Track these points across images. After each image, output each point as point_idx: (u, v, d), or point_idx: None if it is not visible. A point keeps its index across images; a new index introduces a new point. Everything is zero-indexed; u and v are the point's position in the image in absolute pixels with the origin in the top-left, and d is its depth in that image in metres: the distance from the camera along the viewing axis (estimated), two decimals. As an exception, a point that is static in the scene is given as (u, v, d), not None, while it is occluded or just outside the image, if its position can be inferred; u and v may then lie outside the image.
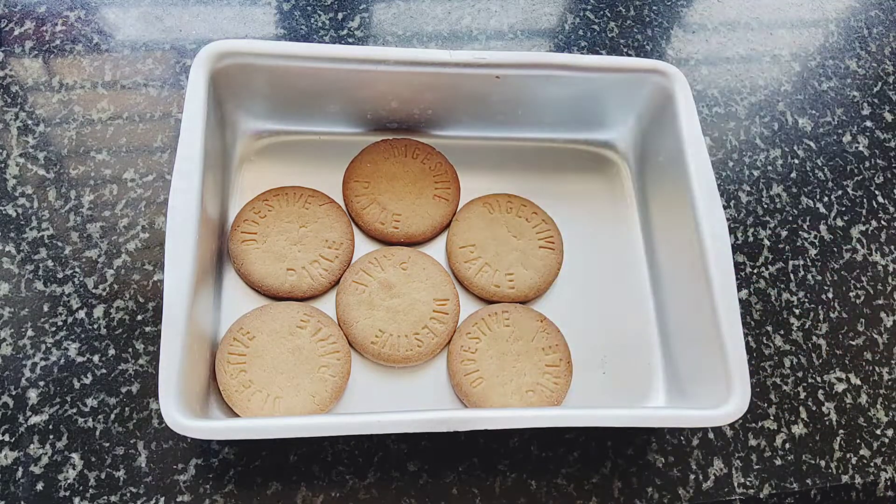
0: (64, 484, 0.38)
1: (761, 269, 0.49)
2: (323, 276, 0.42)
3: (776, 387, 0.45)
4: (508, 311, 0.42)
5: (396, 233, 0.44)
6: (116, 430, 0.39)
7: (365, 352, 0.41)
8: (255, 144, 0.46)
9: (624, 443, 0.42)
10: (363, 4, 0.54)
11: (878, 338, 0.48)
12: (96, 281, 0.42)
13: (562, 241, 0.45)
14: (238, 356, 0.39)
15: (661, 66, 0.43)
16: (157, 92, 0.48)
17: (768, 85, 0.55)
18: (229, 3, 0.52)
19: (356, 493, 0.40)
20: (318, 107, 0.45)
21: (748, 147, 0.53)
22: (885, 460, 0.44)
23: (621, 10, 0.57)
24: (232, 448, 0.40)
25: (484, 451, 0.41)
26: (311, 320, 0.41)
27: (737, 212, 0.50)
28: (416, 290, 0.42)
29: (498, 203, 0.46)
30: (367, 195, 0.45)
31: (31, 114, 0.46)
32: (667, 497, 0.41)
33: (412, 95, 0.43)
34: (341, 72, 0.41)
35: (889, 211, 0.52)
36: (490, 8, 0.56)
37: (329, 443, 0.40)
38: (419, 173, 0.46)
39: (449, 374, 0.42)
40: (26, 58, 0.48)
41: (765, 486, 0.43)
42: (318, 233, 0.43)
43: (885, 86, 0.57)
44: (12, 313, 0.41)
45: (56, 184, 0.45)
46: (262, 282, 0.42)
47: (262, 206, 0.43)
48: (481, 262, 0.44)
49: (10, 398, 0.39)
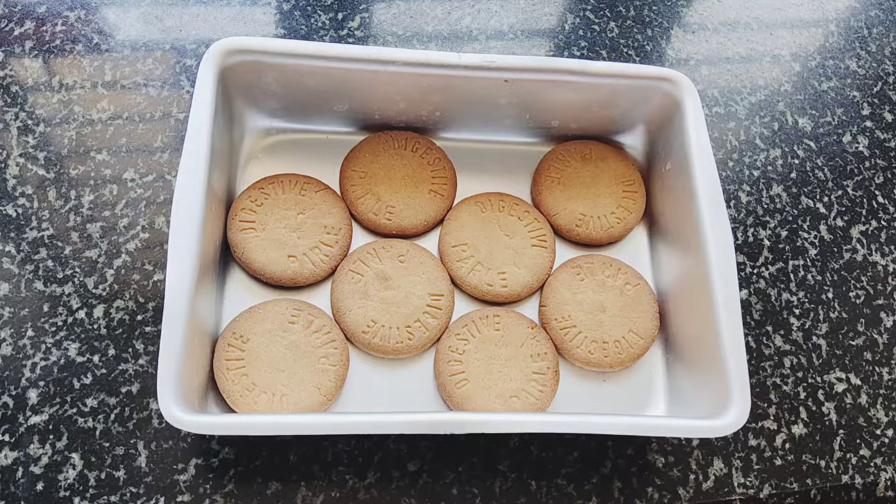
0: (64, 484, 0.38)
1: (761, 269, 0.49)
2: (324, 262, 0.43)
3: (776, 387, 0.45)
4: (500, 315, 0.42)
5: (389, 224, 0.44)
6: (116, 430, 0.39)
7: (356, 341, 0.41)
8: (262, 142, 0.46)
9: (624, 443, 0.42)
10: (363, 4, 0.54)
11: (878, 338, 0.48)
12: (96, 281, 0.42)
13: (554, 240, 0.45)
14: (236, 361, 0.39)
15: (671, 74, 0.43)
16: (157, 92, 0.48)
17: (768, 85, 0.55)
18: (229, 3, 0.52)
19: (356, 493, 0.40)
20: (326, 106, 0.45)
21: (748, 147, 0.53)
22: (885, 460, 0.44)
23: (621, 10, 0.57)
24: (232, 448, 0.40)
25: (484, 452, 0.41)
26: (302, 314, 0.41)
27: (737, 212, 0.50)
28: (412, 283, 0.42)
29: (490, 202, 0.46)
30: (363, 185, 0.45)
31: (31, 114, 0.46)
32: (667, 497, 0.41)
33: (420, 97, 0.43)
34: (350, 71, 0.41)
35: (889, 211, 0.52)
36: (490, 8, 0.56)
37: (329, 443, 0.40)
38: (417, 167, 0.46)
39: (434, 374, 0.42)
40: (26, 58, 0.48)
41: (765, 486, 0.43)
42: (317, 219, 0.43)
43: (885, 86, 0.57)
44: (12, 313, 0.41)
45: (56, 184, 0.45)
46: (263, 270, 0.42)
47: (259, 195, 0.43)
48: (473, 261, 0.44)
49: (10, 398, 0.39)
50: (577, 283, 0.44)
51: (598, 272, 0.44)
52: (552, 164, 0.47)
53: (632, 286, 0.44)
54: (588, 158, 0.47)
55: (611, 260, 0.45)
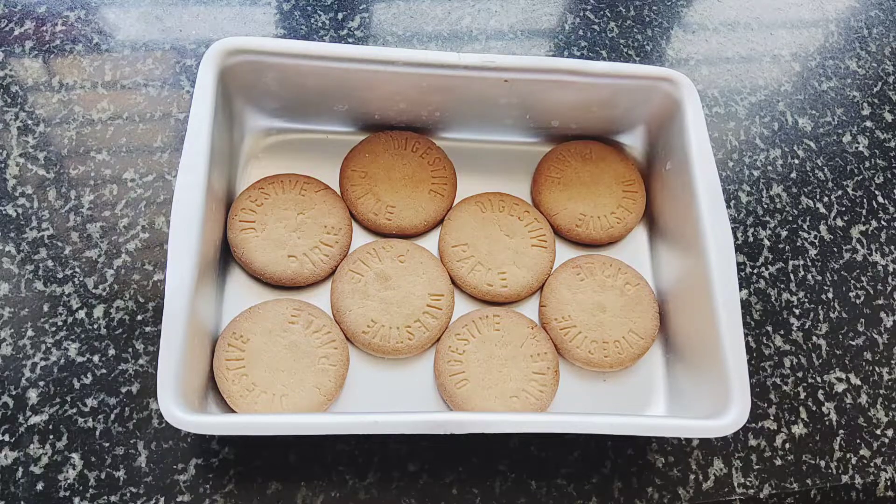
0: (64, 484, 0.38)
1: (761, 269, 0.49)
2: (325, 262, 0.43)
3: (776, 387, 0.45)
4: (500, 315, 0.42)
5: (389, 224, 0.44)
6: (116, 430, 0.39)
7: (356, 341, 0.41)
8: (262, 142, 0.46)
9: (624, 443, 0.42)
10: (363, 4, 0.54)
11: (878, 338, 0.48)
12: (96, 281, 0.42)
13: (554, 240, 0.45)
14: (236, 361, 0.39)
15: (671, 74, 0.43)
16: (157, 92, 0.48)
17: (768, 85, 0.55)
18: (229, 3, 0.52)
19: (356, 493, 0.40)
20: (326, 106, 0.45)
21: (748, 147, 0.53)
22: (885, 460, 0.44)
23: (621, 11, 0.57)
24: (232, 448, 0.40)
25: (484, 451, 0.41)
26: (302, 314, 0.41)
27: (737, 212, 0.50)
28: (412, 283, 0.42)
29: (490, 202, 0.46)
30: (363, 185, 0.45)
31: (31, 114, 0.46)
32: (667, 497, 0.41)
33: (420, 97, 0.43)
34: (350, 71, 0.41)
35: (889, 211, 0.52)
36: (490, 8, 0.56)
37: (329, 443, 0.40)
38: (417, 167, 0.46)
39: (434, 374, 0.42)
40: (26, 58, 0.48)
41: (765, 486, 0.43)
42: (317, 219, 0.43)
43: (885, 86, 0.57)
44: (12, 313, 0.41)
45: (56, 184, 0.45)
46: (263, 270, 0.42)
47: (259, 195, 0.43)
48: (473, 260, 0.44)
49: (10, 398, 0.39)
50: (577, 283, 0.44)
51: (598, 272, 0.44)
52: (552, 164, 0.47)
53: (632, 286, 0.44)
54: (588, 158, 0.47)
55: (611, 260, 0.45)
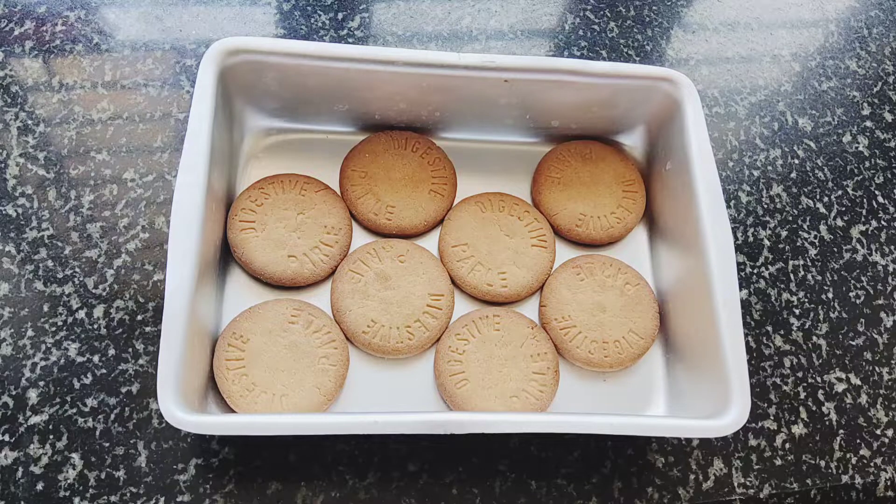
0: (64, 484, 0.38)
1: (761, 269, 0.49)
2: (325, 262, 0.43)
3: (776, 387, 0.45)
4: (500, 315, 0.42)
5: (389, 224, 0.44)
6: (116, 430, 0.39)
7: (356, 341, 0.41)
8: (262, 142, 0.46)
9: (624, 443, 0.42)
10: (363, 4, 0.54)
11: (878, 338, 0.48)
12: (96, 281, 0.42)
13: (554, 240, 0.45)
14: (236, 361, 0.39)
15: (671, 74, 0.43)
16: (157, 92, 0.48)
17: (768, 85, 0.55)
18: (229, 3, 0.52)
19: (356, 493, 0.40)
20: (326, 106, 0.45)
21: (748, 147, 0.53)
22: (885, 460, 0.44)
23: (621, 10, 0.57)
24: (232, 448, 0.40)
25: (484, 451, 0.41)
26: (302, 314, 0.41)
27: (737, 212, 0.50)
28: (412, 283, 0.42)
29: (490, 202, 0.46)
30: (363, 185, 0.45)
31: (31, 114, 0.46)
32: (667, 497, 0.41)
33: (420, 97, 0.43)
34: (350, 71, 0.41)
35: (889, 211, 0.52)
36: (490, 8, 0.56)
37: (329, 443, 0.40)
38: (417, 167, 0.46)
39: (434, 374, 0.42)
40: (26, 58, 0.48)
41: (765, 486, 0.43)
42: (317, 219, 0.43)
43: (885, 86, 0.57)
44: (12, 313, 0.41)
45: (56, 184, 0.45)
46: (263, 270, 0.42)
47: (259, 195, 0.43)
48: (473, 260, 0.44)
49: (10, 398, 0.39)
50: (577, 283, 0.44)
51: (598, 272, 0.44)
52: (552, 164, 0.47)
53: (632, 286, 0.44)
54: (588, 158, 0.47)
55: (611, 260, 0.45)
